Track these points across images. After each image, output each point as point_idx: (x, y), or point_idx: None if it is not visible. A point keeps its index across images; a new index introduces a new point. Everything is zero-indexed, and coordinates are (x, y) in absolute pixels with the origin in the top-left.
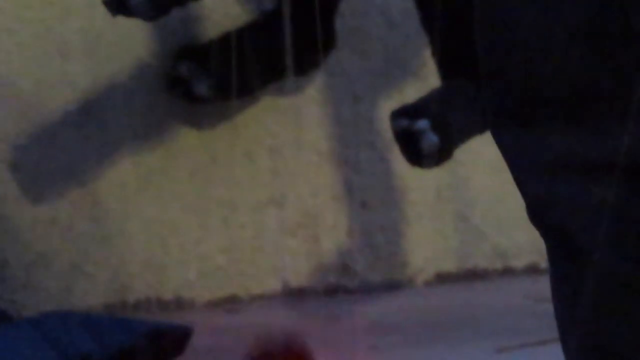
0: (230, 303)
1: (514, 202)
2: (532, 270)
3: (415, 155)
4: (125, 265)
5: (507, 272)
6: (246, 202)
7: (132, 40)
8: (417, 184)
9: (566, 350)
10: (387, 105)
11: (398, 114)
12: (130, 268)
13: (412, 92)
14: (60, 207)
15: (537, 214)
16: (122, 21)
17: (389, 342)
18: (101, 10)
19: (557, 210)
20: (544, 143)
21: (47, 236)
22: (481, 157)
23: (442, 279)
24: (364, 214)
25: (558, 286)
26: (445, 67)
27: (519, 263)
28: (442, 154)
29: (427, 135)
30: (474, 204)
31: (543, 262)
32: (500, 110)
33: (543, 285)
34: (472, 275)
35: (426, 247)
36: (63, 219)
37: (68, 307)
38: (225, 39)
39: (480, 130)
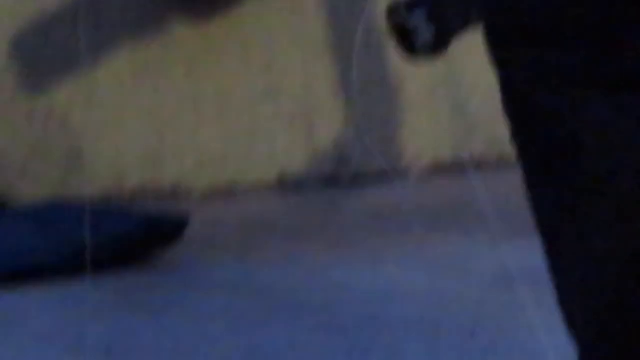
0: (227, 192)
1: None
2: None
3: (411, 47)
4: (122, 155)
5: (501, 161)
6: (241, 93)
7: None
8: (413, 77)
9: (546, 254)
10: None
11: (394, 6)
12: (126, 158)
13: None
14: (57, 98)
15: (534, 124)
16: None
17: (384, 231)
18: None
19: (558, 122)
20: (544, 59)
21: (44, 127)
22: (476, 51)
23: (437, 168)
24: (360, 106)
25: (539, 195)
26: None
27: (513, 152)
28: (437, 46)
29: (422, 26)
30: (469, 95)
31: None
32: (499, 26)
33: None
34: (467, 165)
35: (422, 138)
36: (59, 110)
37: (65, 196)
38: None
39: (475, 24)
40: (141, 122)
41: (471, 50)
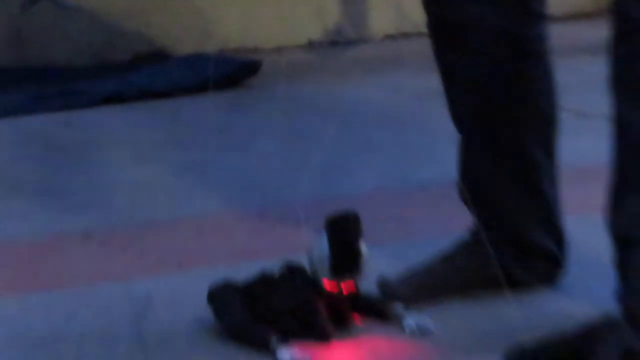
0: (281, 49)
1: None
2: None
3: None
4: (228, 30)
5: (423, 34)
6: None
7: None
8: None
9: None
10: None
11: None
12: (231, 31)
13: None
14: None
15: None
16: None
17: (363, 69)
18: None
19: (446, 13)
20: None
21: (191, 16)
22: None
23: (388, 37)
24: (348, 7)
25: (435, 54)
26: None
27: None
28: None
29: None
30: (410, 7)
31: None
32: None
33: None
34: (404, 34)
35: (380, 20)
36: (199, 4)
37: (198, 53)
38: None
39: None
40: (238, 14)
41: None
